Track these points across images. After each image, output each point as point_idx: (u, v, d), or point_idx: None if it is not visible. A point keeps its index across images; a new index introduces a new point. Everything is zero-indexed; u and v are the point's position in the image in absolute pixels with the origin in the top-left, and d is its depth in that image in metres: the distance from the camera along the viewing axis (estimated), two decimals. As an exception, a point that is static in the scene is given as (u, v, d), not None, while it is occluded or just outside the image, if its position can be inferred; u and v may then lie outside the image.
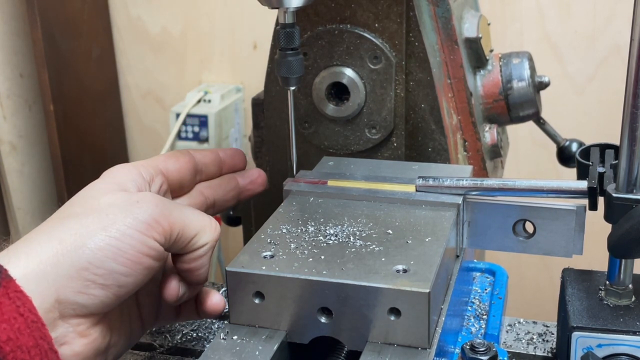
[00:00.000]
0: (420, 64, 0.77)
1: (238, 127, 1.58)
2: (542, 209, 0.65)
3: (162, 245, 0.54)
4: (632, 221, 0.56)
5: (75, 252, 0.50)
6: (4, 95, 1.43)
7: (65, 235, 0.51)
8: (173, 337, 0.72)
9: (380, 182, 0.69)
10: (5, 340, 0.42)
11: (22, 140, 1.47)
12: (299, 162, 0.74)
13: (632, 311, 0.61)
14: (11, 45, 1.41)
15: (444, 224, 0.62)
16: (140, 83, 1.61)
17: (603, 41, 1.32)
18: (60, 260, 0.49)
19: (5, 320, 0.42)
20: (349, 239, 0.60)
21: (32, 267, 0.48)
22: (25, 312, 0.44)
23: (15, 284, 0.45)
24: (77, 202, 0.56)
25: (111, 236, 0.51)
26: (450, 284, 0.62)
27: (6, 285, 0.44)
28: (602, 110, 1.35)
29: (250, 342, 0.55)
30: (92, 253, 0.50)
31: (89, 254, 0.50)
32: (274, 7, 0.67)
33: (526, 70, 0.87)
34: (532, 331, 0.72)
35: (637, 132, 0.57)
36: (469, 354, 0.57)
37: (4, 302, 0.43)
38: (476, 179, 0.66)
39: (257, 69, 1.48)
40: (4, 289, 0.44)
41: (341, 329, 0.55)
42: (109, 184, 0.57)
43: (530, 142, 1.35)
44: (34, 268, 0.48)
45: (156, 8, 1.53)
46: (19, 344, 0.42)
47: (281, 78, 0.70)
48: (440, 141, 0.79)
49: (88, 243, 0.51)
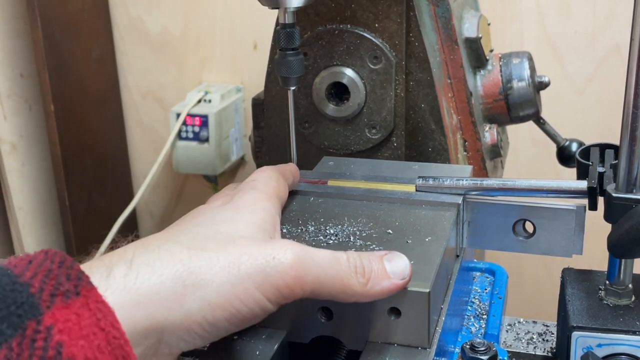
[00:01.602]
0: (420, 64, 0.77)
1: (238, 127, 1.58)
2: (542, 209, 0.65)
3: (275, 307, 0.48)
4: (632, 221, 0.56)
5: (193, 301, 0.44)
6: (4, 95, 1.43)
7: (189, 279, 0.44)
8: (173, 336, 0.72)
9: (380, 182, 0.69)
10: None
11: (22, 140, 1.47)
12: (299, 162, 0.74)
13: (632, 311, 0.61)
14: (11, 45, 1.41)
15: (444, 223, 0.62)
16: (140, 83, 1.61)
17: (603, 41, 1.32)
18: (176, 306, 0.44)
19: (83, 336, 0.37)
20: (349, 238, 0.60)
21: (145, 294, 0.43)
22: (107, 327, 0.38)
23: (97, 293, 0.39)
24: (207, 231, 0.49)
25: (236, 294, 0.45)
26: (450, 284, 0.62)
27: (86, 295, 0.38)
28: (602, 110, 1.35)
29: (250, 342, 0.55)
30: (211, 310, 0.45)
31: (207, 309, 0.44)
32: (274, 7, 0.68)
33: (526, 70, 0.87)
34: (532, 331, 0.72)
35: (637, 132, 0.57)
36: (469, 354, 0.57)
37: (83, 314, 0.37)
38: (476, 179, 0.66)
39: (257, 69, 1.48)
40: (84, 298, 0.38)
41: (341, 329, 0.55)
42: (244, 215, 0.51)
43: (530, 142, 1.35)
44: (148, 297, 0.43)
45: (156, 8, 1.53)
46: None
47: (281, 78, 0.70)
48: (440, 141, 0.79)
49: (209, 297, 0.45)
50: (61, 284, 0.38)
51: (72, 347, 0.36)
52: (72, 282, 0.38)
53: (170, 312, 0.43)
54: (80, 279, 0.39)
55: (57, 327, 0.36)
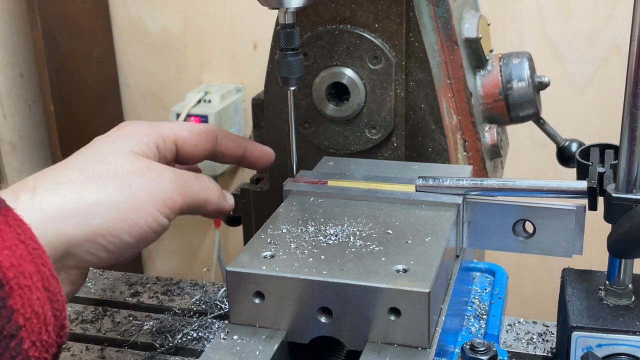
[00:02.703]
0: (420, 64, 0.77)
1: (238, 127, 1.58)
2: (542, 209, 0.65)
3: (170, 221, 0.57)
4: (632, 221, 0.56)
5: (96, 217, 0.51)
6: (4, 95, 1.43)
7: (89, 197, 0.52)
8: (173, 336, 0.72)
9: (380, 182, 0.69)
10: (9, 266, 0.42)
11: (22, 140, 1.47)
12: (299, 162, 0.74)
13: (632, 311, 0.61)
14: (11, 45, 1.42)
15: (444, 224, 0.62)
16: (140, 83, 1.61)
17: (603, 41, 1.32)
18: (81, 221, 0.51)
19: (7, 247, 0.42)
20: (349, 239, 0.60)
21: (52, 214, 0.50)
22: (26, 240, 0.44)
23: (14, 213, 0.44)
24: (95, 158, 0.56)
25: (131, 209, 0.53)
26: (450, 284, 0.62)
27: (5, 214, 0.44)
28: (601, 110, 1.35)
29: (251, 342, 0.55)
30: (112, 222, 0.52)
31: (109, 222, 0.52)
32: (274, 7, 0.68)
33: (526, 70, 0.87)
34: (532, 331, 0.72)
35: (636, 132, 0.57)
36: (468, 354, 0.57)
37: (4, 229, 0.43)
38: (476, 179, 0.66)
39: (257, 69, 1.48)
40: (3, 217, 0.43)
41: (341, 329, 0.55)
42: (123, 144, 0.58)
43: (530, 142, 1.35)
44: (54, 215, 0.50)
45: (156, 8, 1.53)
46: (22, 270, 0.42)
47: (281, 78, 0.70)
48: (440, 141, 0.79)
49: (110, 211, 0.52)
50: None
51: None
52: None
53: (77, 228, 0.51)
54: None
55: None
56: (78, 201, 0.51)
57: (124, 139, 0.59)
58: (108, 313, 0.77)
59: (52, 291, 0.44)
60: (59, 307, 0.45)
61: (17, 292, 0.41)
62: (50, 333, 0.43)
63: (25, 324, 0.42)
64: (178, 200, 0.57)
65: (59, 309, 0.45)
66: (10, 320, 0.41)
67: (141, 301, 0.79)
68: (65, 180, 0.52)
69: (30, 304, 0.42)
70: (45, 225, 0.49)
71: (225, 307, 0.76)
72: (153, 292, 0.81)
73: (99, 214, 0.52)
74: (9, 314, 0.41)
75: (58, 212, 0.50)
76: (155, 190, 0.55)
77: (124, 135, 0.60)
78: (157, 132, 0.61)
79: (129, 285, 0.83)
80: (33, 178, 0.52)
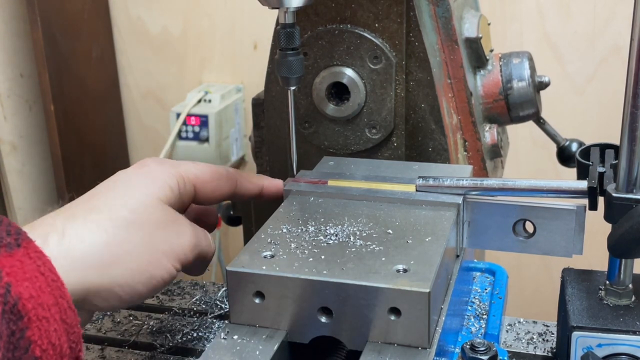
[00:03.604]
0: (420, 64, 0.77)
1: (238, 127, 1.58)
2: (542, 209, 0.65)
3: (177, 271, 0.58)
4: (632, 221, 0.56)
5: (118, 268, 0.52)
6: (5, 95, 1.43)
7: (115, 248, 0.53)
8: (173, 336, 0.72)
9: (380, 182, 0.69)
10: (28, 297, 0.42)
11: (23, 140, 1.47)
12: (299, 162, 0.74)
13: (632, 311, 0.61)
14: (11, 45, 1.42)
15: (444, 223, 0.62)
16: (140, 83, 1.61)
17: (603, 41, 1.32)
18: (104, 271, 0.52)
19: (27, 278, 0.43)
20: (349, 238, 0.60)
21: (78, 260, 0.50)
22: (46, 272, 0.45)
23: (35, 245, 0.45)
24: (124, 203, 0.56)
25: (150, 262, 0.54)
26: (450, 284, 0.62)
27: (26, 246, 0.45)
28: (602, 110, 1.35)
29: (251, 342, 0.55)
30: (131, 274, 0.53)
31: (129, 273, 0.53)
32: (274, 7, 0.68)
33: (526, 70, 0.87)
34: (532, 331, 0.72)
35: (637, 132, 0.57)
36: (469, 354, 0.57)
37: (25, 261, 0.44)
38: (476, 179, 0.66)
39: (257, 69, 1.48)
40: (25, 249, 0.44)
41: (341, 329, 0.55)
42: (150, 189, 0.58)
43: (530, 142, 1.35)
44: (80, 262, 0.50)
45: (156, 8, 1.53)
46: (40, 302, 0.43)
47: (281, 78, 0.70)
48: (440, 141, 0.79)
49: (131, 263, 0.53)
50: (3, 238, 0.44)
51: (19, 286, 0.42)
52: (13, 237, 0.45)
53: (100, 277, 0.51)
54: (19, 234, 0.45)
55: (5, 271, 0.42)
56: (104, 251, 0.52)
57: (152, 182, 0.59)
58: (108, 313, 0.77)
59: (69, 323, 0.45)
60: (75, 339, 0.45)
61: (35, 323, 0.42)
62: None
63: (42, 355, 0.42)
64: (190, 256, 0.58)
65: (75, 340, 0.45)
66: (28, 351, 0.42)
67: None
68: (94, 227, 0.53)
69: (48, 335, 0.43)
70: (70, 271, 0.49)
71: (225, 307, 0.76)
72: (153, 292, 0.81)
73: (120, 265, 0.53)
74: (27, 345, 0.42)
75: (84, 259, 0.51)
76: (174, 246, 0.57)
77: (150, 176, 0.59)
78: (178, 173, 0.61)
79: (129, 285, 0.83)
80: (62, 220, 0.52)
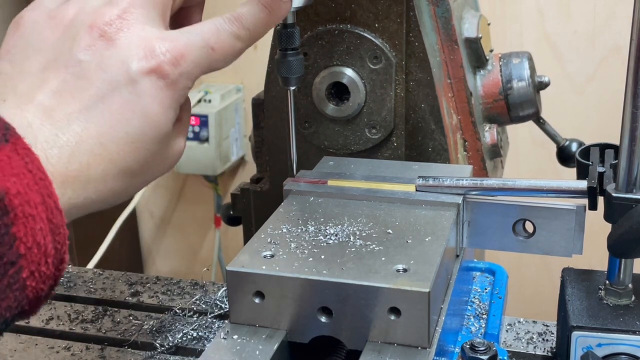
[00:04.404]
0: (420, 64, 0.77)
1: (238, 127, 1.58)
2: (542, 209, 0.65)
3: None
4: (632, 221, 0.56)
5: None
6: (4, 95, 1.42)
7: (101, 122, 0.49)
8: (173, 336, 0.72)
9: (380, 182, 0.69)
10: (15, 193, 0.41)
11: (22, 140, 1.46)
12: (299, 162, 0.74)
13: (631, 311, 0.62)
14: (11, 45, 1.41)
15: (444, 223, 0.62)
16: (140, 83, 1.60)
17: (603, 41, 1.32)
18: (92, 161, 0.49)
19: (15, 174, 0.41)
20: (349, 238, 0.60)
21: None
22: (34, 169, 0.43)
23: (24, 142, 0.43)
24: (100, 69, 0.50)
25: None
26: (450, 284, 0.62)
27: (15, 142, 0.43)
28: (601, 110, 1.35)
29: (251, 342, 0.55)
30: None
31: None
32: (274, 7, 0.67)
33: (526, 70, 0.87)
34: (531, 330, 0.72)
35: (637, 132, 0.57)
36: (468, 354, 0.57)
37: (13, 157, 0.42)
38: (476, 179, 0.66)
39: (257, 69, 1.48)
40: (13, 145, 0.42)
41: (341, 329, 0.55)
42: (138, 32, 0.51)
43: (530, 142, 1.35)
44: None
45: (156, 8, 1.53)
46: (27, 199, 0.42)
47: (281, 78, 0.70)
48: (440, 141, 0.79)
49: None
50: None
51: (6, 182, 0.41)
52: (1, 131, 0.42)
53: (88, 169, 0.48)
54: (7, 129, 0.43)
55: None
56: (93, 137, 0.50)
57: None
58: (108, 312, 0.77)
59: (55, 223, 0.43)
60: (60, 240, 0.44)
61: (21, 220, 0.41)
62: (49, 265, 0.43)
63: (26, 252, 0.41)
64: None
65: (60, 242, 0.44)
66: (12, 247, 0.40)
67: (141, 301, 0.79)
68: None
69: (33, 233, 0.41)
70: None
71: (225, 306, 0.76)
72: (153, 291, 0.81)
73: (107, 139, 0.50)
74: (11, 241, 0.40)
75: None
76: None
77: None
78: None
79: (129, 284, 0.83)
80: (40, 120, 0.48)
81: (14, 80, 0.50)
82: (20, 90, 0.49)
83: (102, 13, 0.51)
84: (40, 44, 0.51)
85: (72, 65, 0.49)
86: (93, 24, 0.50)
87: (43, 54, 0.51)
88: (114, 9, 0.51)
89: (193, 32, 0.53)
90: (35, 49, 0.51)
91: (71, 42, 0.50)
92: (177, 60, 0.51)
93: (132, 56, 0.50)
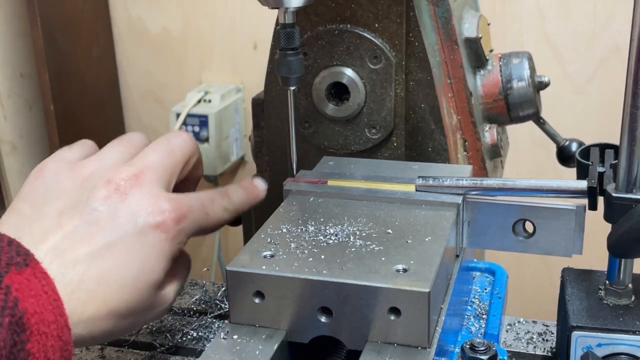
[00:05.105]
0: (420, 64, 0.77)
1: (238, 127, 1.58)
2: (542, 209, 0.65)
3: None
4: (632, 221, 0.56)
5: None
6: (5, 95, 1.43)
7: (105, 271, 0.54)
8: (173, 336, 0.72)
9: (380, 182, 0.69)
10: (32, 313, 0.46)
11: (23, 140, 1.47)
12: (299, 162, 0.74)
13: (631, 311, 0.62)
14: (11, 45, 1.42)
15: (443, 223, 0.62)
16: (140, 83, 1.61)
17: (603, 41, 1.32)
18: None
19: (32, 295, 0.46)
20: (349, 238, 0.60)
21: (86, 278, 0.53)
22: (49, 291, 0.48)
23: (41, 267, 0.49)
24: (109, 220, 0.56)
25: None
26: (450, 284, 0.62)
27: (34, 267, 0.48)
28: (601, 110, 1.35)
29: (251, 342, 0.55)
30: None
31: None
32: (274, 7, 0.68)
33: (526, 70, 0.87)
34: (531, 330, 0.72)
35: (636, 132, 0.57)
36: (468, 354, 0.57)
37: (32, 280, 0.47)
38: (476, 179, 0.66)
39: (257, 69, 1.48)
40: (32, 269, 0.48)
41: (341, 329, 0.55)
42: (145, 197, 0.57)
43: (530, 142, 1.35)
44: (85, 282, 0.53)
45: (156, 8, 1.53)
46: (42, 318, 0.46)
47: (281, 78, 0.70)
48: (440, 141, 0.79)
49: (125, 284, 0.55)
50: (13, 257, 0.47)
51: (25, 302, 0.46)
52: (22, 257, 0.48)
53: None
54: (27, 255, 0.48)
55: (14, 287, 0.46)
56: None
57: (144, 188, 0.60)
58: (108, 313, 0.77)
59: (65, 340, 0.48)
60: (67, 357, 0.48)
61: (35, 337, 0.46)
62: None
63: None
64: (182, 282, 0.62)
65: (67, 358, 0.48)
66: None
67: (141, 301, 0.79)
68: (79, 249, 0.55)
69: (45, 350, 0.46)
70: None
71: (225, 306, 0.76)
72: (153, 292, 0.81)
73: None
74: (26, 357, 0.45)
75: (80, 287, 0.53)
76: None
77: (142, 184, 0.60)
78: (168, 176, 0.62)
79: (129, 285, 0.83)
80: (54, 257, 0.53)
81: (31, 220, 0.55)
82: (36, 230, 0.54)
83: (120, 170, 0.57)
84: (59, 191, 0.57)
85: (87, 213, 0.55)
86: (111, 179, 0.56)
87: (61, 200, 0.56)
88: (131, 169, 0.58)
89: (194, 198, 0.61)
90: (54, 196, 0.57)
91: (88, 193, 0.56)
92: (179, 219, 0.57)
93: (142, 210, 0.55)
